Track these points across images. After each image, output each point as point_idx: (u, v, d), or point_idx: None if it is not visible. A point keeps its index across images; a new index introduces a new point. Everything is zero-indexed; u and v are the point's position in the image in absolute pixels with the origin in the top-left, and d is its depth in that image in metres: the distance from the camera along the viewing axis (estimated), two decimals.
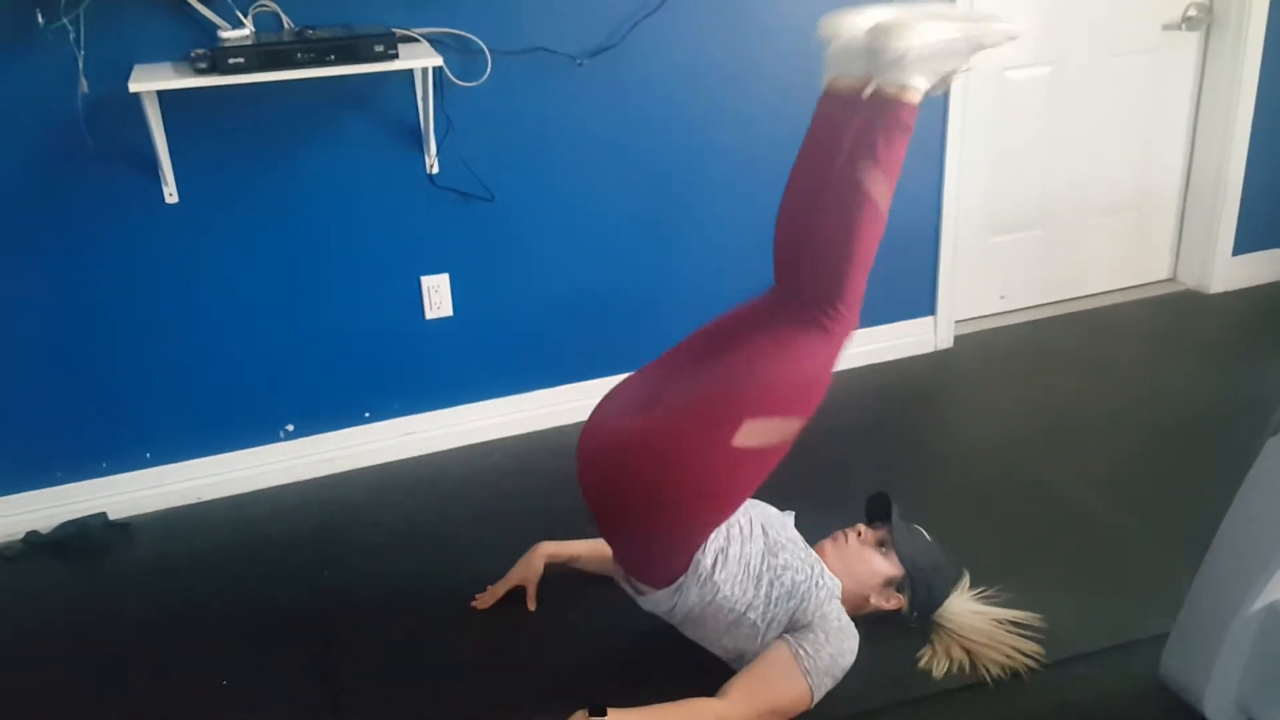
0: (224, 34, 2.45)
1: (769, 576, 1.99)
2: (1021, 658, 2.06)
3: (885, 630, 2.15)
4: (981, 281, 3.73)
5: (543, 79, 2.86)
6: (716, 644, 2.04)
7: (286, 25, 2.58)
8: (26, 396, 2.72)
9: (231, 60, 2.34)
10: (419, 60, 2.53)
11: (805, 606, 1.98)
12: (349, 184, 2.81)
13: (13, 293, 2.63)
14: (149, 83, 2.34)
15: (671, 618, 2.03)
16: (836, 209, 1.86)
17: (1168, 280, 4.05)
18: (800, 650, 1.94)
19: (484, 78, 2.77)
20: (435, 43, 2.69)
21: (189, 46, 2.43)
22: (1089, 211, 3.81)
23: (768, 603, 1.98)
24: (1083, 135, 3.68)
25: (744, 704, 1.91)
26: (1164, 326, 3.72)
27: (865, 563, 2.13)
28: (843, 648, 1.98)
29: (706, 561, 1.95)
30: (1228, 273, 3.92)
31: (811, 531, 2.20)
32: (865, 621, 2.12)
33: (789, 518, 2.22)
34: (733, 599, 1.96)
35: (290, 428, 2.98)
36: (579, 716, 1.87)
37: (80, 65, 2.44)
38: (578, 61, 2.87)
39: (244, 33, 2.47)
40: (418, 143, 2.82)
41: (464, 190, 2.89)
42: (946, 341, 3.62)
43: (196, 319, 2.79)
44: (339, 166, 2.78)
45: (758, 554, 2.00)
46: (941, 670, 2.07)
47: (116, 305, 2.71)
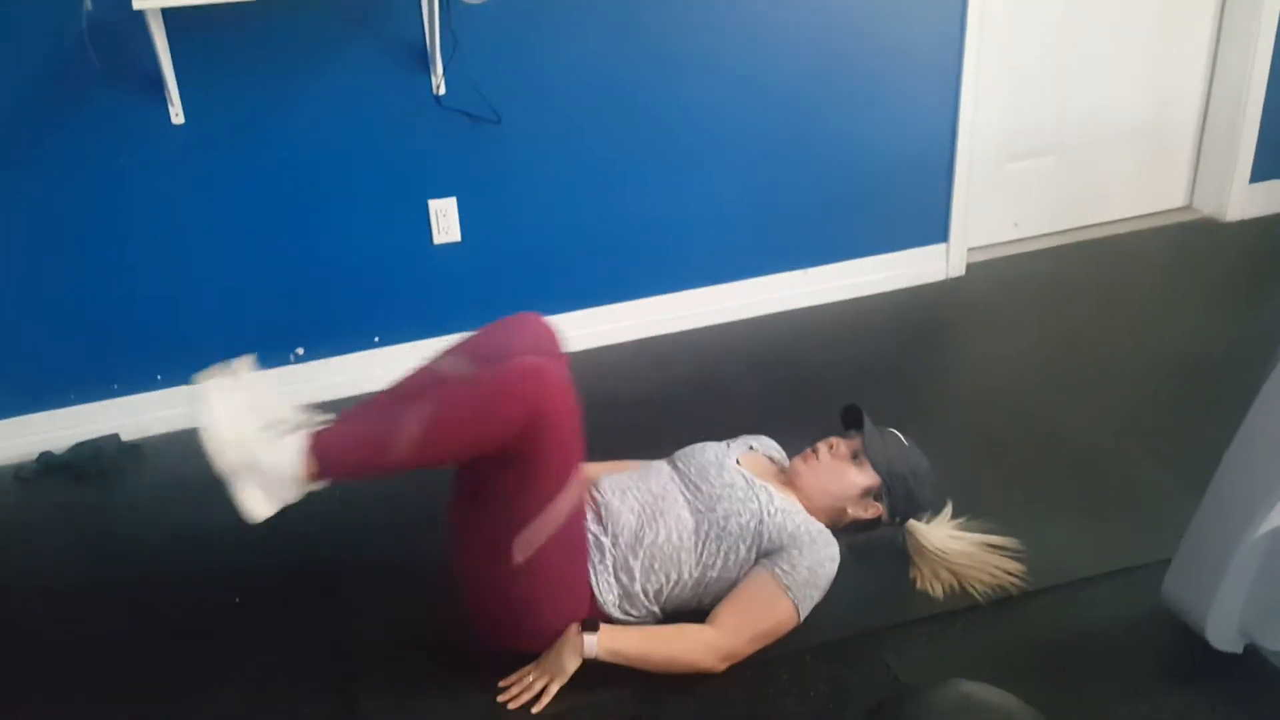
0: None
1: (713, 533, 1.96)
2: (1006, 576, 2.08)
3: (886, 554, 2.16)
4: (995, 208, 3.69)
5: None
6: (704, 602, 2.01)
7: None
8: (37, 319, 2.73)
9: None
10: None
11: (767, 535, 1.96)
12: (355, 105, 2.78)
13: (21, 214, 2.62)
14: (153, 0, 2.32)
15: (650, 618, 2.00)
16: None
17: (1183, 208, 4.00)
18: (777, 569, 1.93)
19: None
20: None
21: None
22: (1105, 137, 3.75)
23: (719, 554, 1.96)
24: (1101, 58, 3.61)
25: (732, 630, 1.90)
26: (1178, 256, 3.69)
27: (839, 476, 2.08)
28: (819, 557, 1.95)
29: (611, 589, 1.95)
30: (1245, 200, 3.87)
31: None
32: (869, 550, 2.13)
33: (731, 454, 2.14)
34: (673, 579, 1.96)
35: (300, 351, 2.99)
36: (572, 630, 1.88)
37: None
38: None
39: None
40: (424, 64, 2.78)
41: (471, 112, 2.86)
42: (959, 270, 3.59)
43: (203, 241, 2.78)
44: (345, 87, 2.75)
45: (685, 525, 1.97)
46: (937, 593, 2.08)
47: (124, 226, 2.71)
